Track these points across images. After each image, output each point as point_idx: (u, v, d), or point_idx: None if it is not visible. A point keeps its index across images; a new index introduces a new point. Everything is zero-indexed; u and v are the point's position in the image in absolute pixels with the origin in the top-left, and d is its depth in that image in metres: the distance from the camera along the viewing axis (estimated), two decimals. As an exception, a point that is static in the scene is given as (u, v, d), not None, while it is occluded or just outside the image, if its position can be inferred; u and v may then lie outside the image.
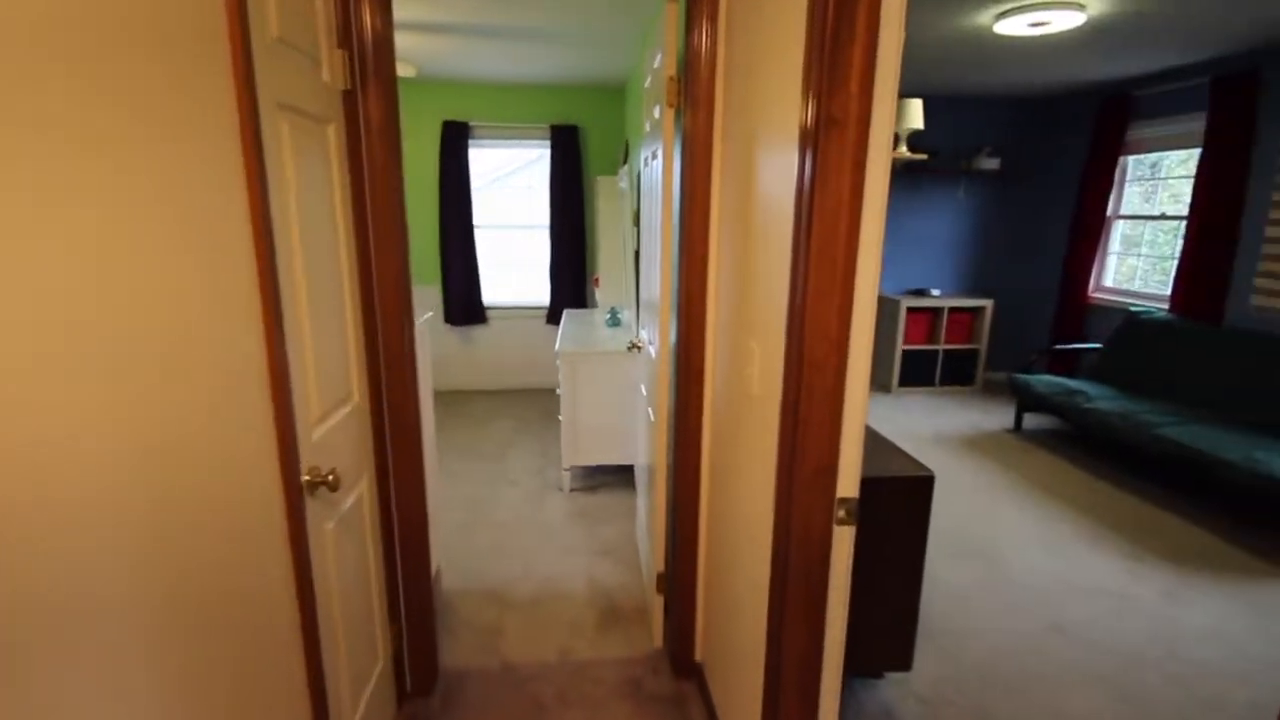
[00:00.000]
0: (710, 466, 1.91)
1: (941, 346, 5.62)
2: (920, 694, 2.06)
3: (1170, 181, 4.69)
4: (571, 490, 3.58)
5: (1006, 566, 2.84)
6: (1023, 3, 2.98)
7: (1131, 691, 2.09)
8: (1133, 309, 4.59)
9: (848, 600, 1.24)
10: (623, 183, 3.85)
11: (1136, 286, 4.92)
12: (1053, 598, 2.61)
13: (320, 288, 1.40)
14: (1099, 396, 4.05)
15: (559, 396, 3.46)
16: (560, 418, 3.47)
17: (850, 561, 1.21)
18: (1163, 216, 4.68)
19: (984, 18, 3.20)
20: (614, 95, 5.16)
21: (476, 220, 5.36)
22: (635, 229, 3.50)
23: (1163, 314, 4.37)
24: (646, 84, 2.39)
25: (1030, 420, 4.84)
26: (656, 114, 2.01)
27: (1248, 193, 3.91)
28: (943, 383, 5.70)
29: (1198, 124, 4.20)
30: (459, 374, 5.60)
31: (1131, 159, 4.89)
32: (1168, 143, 4.50)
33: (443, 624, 2.39)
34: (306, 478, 1.30)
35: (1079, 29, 3.35)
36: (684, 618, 2.04)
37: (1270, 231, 3.78)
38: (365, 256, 1.68)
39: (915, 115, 3.39)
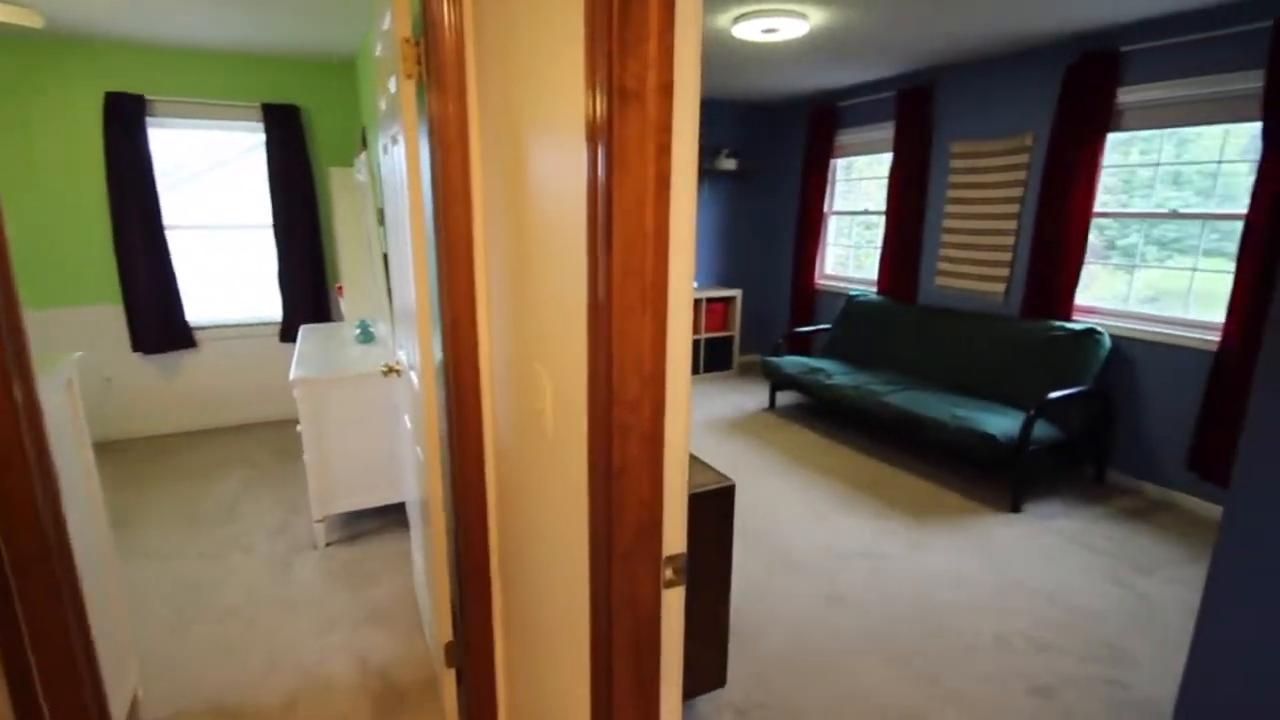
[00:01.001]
0: (500, 518, 1.61)
1: (703, 335, 5.93)
2: (735, 704, 2.01)
3: (862, 182, 5.46)
4: (328, 545, 2.98)
5: (785, 544, 2.99)
6: (755, 8, 3.13)
7: (899, 651, 2.29)
8: (851, 293, 5.26)
9: (682, 662, 1.06)
10: (361, 174, 3.30)
11: (851, 272, 5.67)
12: (826, 568, 2.80)
13: None
14: (835, 372, 4.55)
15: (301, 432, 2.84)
16: (305, 458, 2.86)
17: (682, 621, 1.02)
18: (866, 212, 5.44)
19: (723, 20, 3.31)
20: (343, 71, 4.47)
21: (171, 220, 4.27)
22: (381, 228, 3.01)
23: (873, 295, 5.07)
24: (378, 52, 1.97)
25: (782, 398, 5.32)
26: (393, 87, 1.64)
27: (928, 190, 4.68)
28: (706, 369, 6.03)
29: (889, 131, 4.92)
30: (160, 415, 4.44)
31: (840, 161, 5.60)
32: (867, 148, 5.21)
33: (145, 775, 1.75)
34: None
35: (801, 39, 3.65)
36: (482, 692, 1.73)
37: (946, 223, 4.57)
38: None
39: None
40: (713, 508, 1.73)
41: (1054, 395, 3.39)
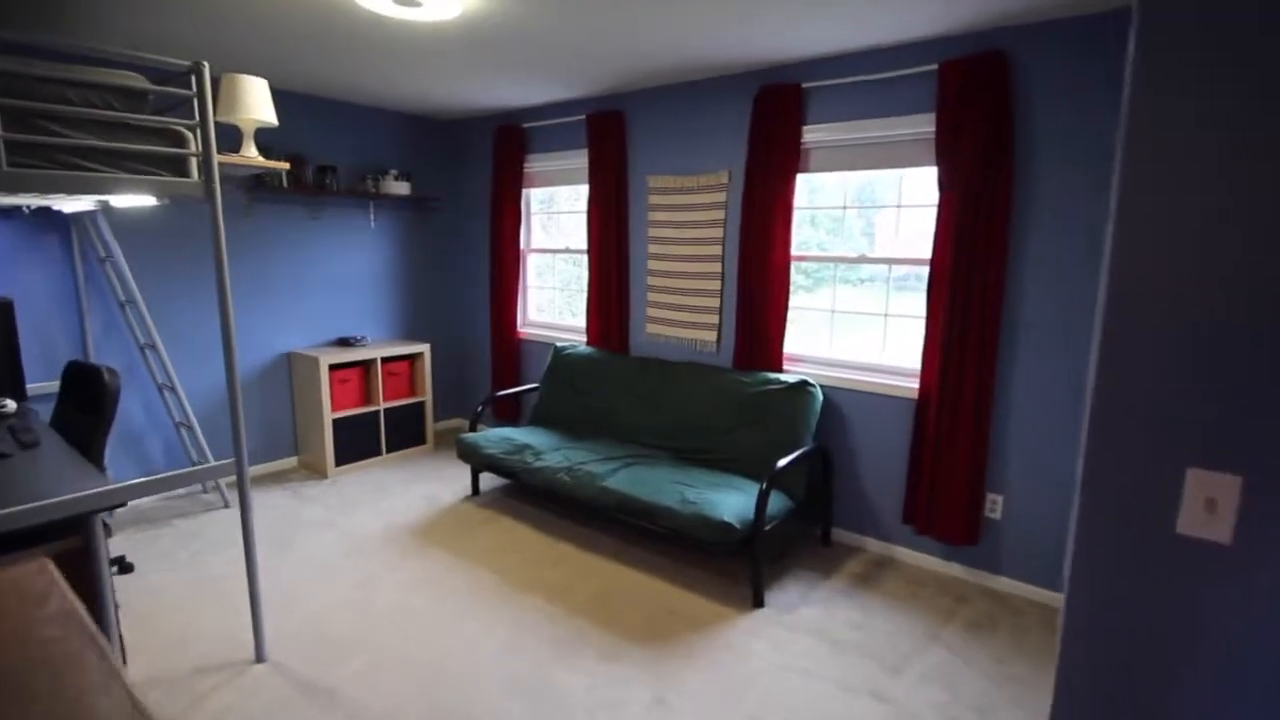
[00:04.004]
0: None
1: (382, 406, 4.63)
2: None
3: (563, 216, 4.81)
4: None
5: (484, 761, 1.97)
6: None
7: None
8: (558, 344, 4.50)
9: None
10: None
11: (558, 320, 4.94)
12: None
13: None
14: (546, 448, 3.69)
15: None
16: None
17: None
18: (567, 250, 4.76)
19: (333, -25, 2.24)
20: None
21: None
22: None
23: (583, 347, 4.37)
24: None
25: (491, 478, 4.28)
26: None
27: (630, 227, 4.13)
28: (391, 449, 4.72)
29: (584, 160, 4.28)
30: None
31: (535, 191, 4.84)
32: (562, 178, 4.53)
33: None
34: None
35: (455, 24, 2.74)
36: None
37: (651, 264, 4.06)
38: None
39: (263, 100, 2.20)
40: None
41: (782, 463, 2.96)
